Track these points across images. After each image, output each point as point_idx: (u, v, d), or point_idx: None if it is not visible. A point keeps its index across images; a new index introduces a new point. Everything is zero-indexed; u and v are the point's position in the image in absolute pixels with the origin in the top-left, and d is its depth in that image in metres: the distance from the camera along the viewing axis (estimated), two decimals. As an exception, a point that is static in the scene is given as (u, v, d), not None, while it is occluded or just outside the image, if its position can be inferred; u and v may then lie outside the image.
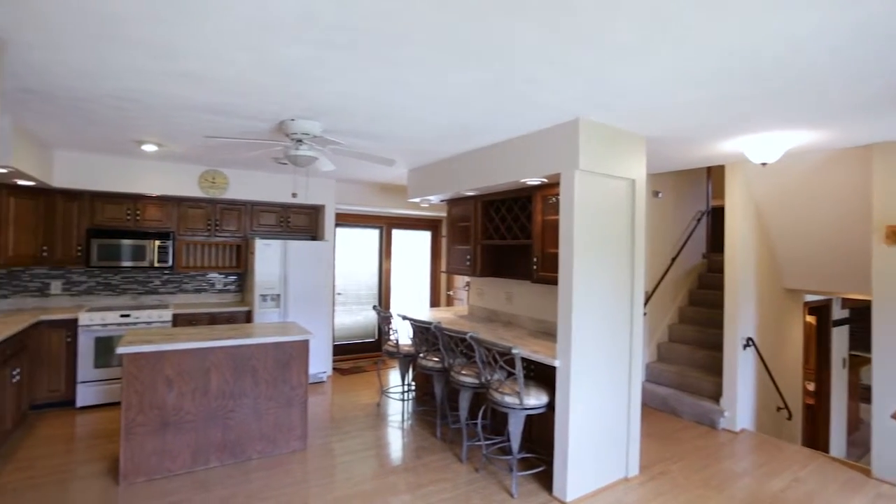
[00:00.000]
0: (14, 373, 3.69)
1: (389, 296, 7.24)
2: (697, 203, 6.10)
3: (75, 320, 4.44)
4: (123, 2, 1.71)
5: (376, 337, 7.12)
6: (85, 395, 4.47)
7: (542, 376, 3.40)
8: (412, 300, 7.57)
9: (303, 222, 5.93)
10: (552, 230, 3.60)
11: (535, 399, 3.09)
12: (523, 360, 3.06)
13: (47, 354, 4.36)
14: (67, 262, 4.70)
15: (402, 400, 4.83)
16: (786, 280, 5.09)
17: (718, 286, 5.46)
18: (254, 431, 3.51)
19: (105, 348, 4.53)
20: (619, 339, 3.31)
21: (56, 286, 4.90)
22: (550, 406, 3.17)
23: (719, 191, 6.06)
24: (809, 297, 5.50)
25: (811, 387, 6.01)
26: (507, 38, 1.93)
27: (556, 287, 3.90)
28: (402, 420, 4.46)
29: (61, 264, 4.70)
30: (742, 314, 4.46)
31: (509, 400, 3.09)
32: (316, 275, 5.51)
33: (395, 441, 3.99)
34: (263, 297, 5.22)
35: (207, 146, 4.08)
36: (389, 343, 4.61)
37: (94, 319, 4.50)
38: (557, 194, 3.51)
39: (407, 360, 4.56)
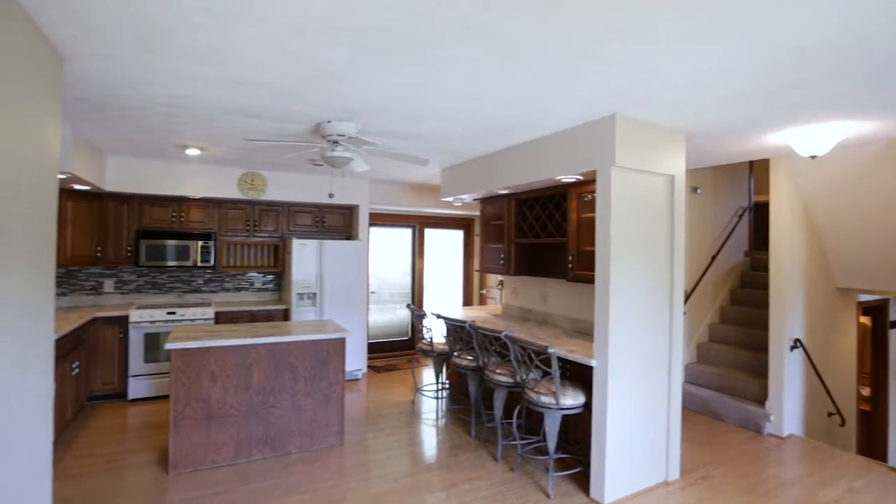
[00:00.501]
0: (73, 366, 3.92)
1: (422, 295, 7.29)
2: (739, 199, 5.87)
3: (126, 317, 4.67)
4: (170, 13, 1.78)
5: (409, 335, 7.19)
6: (136, 388, 4.70)
7: (579, 376, 3.35)
8: (445, 299, 7.60)
9: (337, 222, 6.04)
10: (588, 228, 3.54)
11: (572, 399, 3.05)
12: (559, 359, 3.03)
13: (102, 349, 4.60)
14: (119, 261, 4.95)
15: (436, 398, 4.86)
16: (838, 279, 4.83)
17: (763, 285, 5.25)
18: (293, 426, 3.60)
19: (153, 344, 4.75)
20: (658, 339, 3.23)
21: (109, 285, 5.16)
22: (587, 406, 3.13)
23: (763, 186, 5.82)
24: (864, 297, 5.20)
25: (866, 392, 5.70)
26: (543, 34, 1.90)
27: (592, 286, 3.84)
28: (437, 418, 4.49)
29: (113, 264, 4.95)
30: (789, 314, 4.26)
31: (545, 399, 3.06)
32: (350, 274, 5.61)
33: (430, 438, 4.02)
34: (300, 295, 5.35)
35: (246, 149, 4.21)
36: (423, 341, 4.64)
37: (143, 316, 4.72)
38: (593, 191, 3.45)
39: (441, 359, 4.58)
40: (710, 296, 5.47)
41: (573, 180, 3.60)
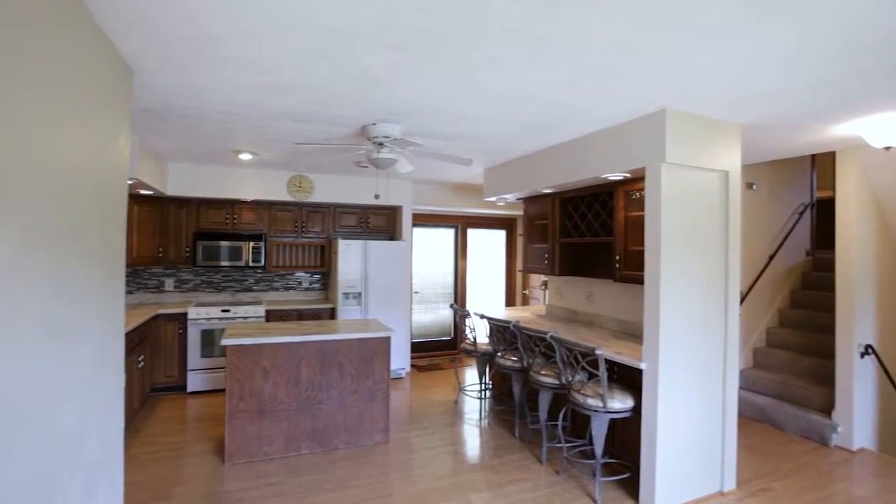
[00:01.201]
0: (139, 359, 4.19)
1: (465, 295, 7.30)
2: (799, 195, 5.53)
3: (185, 314, 4.94)
4: (224, 23, 1.87)
5: (452, 335, 7.22)
6: (194, 382, 4.96)
7: (627, 379, 3.26)
8: (487, 299, 7.58)
9: (381, 223, 6.15)
10: (636, 227, 3.44)
11: (620, 402, 2.97)
12: (606, 361, 2.95)
13: (164, 344, 4.89)
14: (178, 262, 5.24)
15: (480, 398, 4.85)
16: (914, 280, 4.46)
17: (828, 287, 4.91)
18: (340, 422, 3.70)
19: (209, 340, 5.00)
20: (712, 342, 3.09)
21: (169, 283, 5.47)
22: (636, 410, 3.04)
23: (826, 180, 5.46)
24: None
25: (947, 402, 5.22)
26: (586, 29, 1.87)
27: (640, 286, 3.72)
28: (480, 418, 4.48)
29: (173, 264, 5.24)
30: (859, 319, 3.97)
31: (592, 402, 3.00)
32: (394, 274, 5.69)
33: (473, 438, 4.02)
34: (346, 295, 5.48)
35: (294, 152, 4.36)
36: (467, 341, 4.65)
37: (200, 314, 4.98)
38: (641, 189, 3.35)
39: (484, 359, 4.57)
40: (768, 298, 5.19)
41: (620, 178, 3.51)
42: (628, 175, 3.39)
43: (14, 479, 1.30)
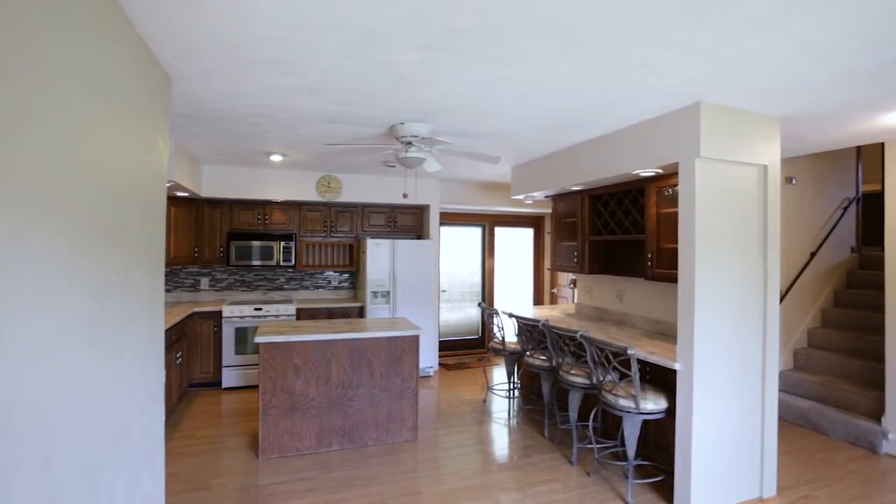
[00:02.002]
0: (177, 356, 4.33)
1: (493, 293, 7.28)
2: (843, 189, 5.28)
3: (220, 312, 5.09)
4: (257, 27, 1.91)
5: (480, 334, 7.20)
6: (229, 378, 5.10)
7: (660, 380, 3.18)
8: (515, 298, 7.53)
9: (409, 222, 6.18)
10: (668, 224, 3.35)
11: (653, 403, 2.91)
12: (639, 361, 2.89)
13: (200, 341, 5.04)
14: (212, 261, 5.40)
15: (508, 397, 4.82)
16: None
17: (876, 285, 4.68)
18: (369, 420, 3.74)
19: (242, 337, 5.13)
20: (750, 343, 2.99)
21: (204, 282, 5.64)
22: (670, 412, 2.96)
23: (873, 173, 5.21)
24: None
25: None
26: (616, 21, 1.82)
27: (673, 285, 3.63)
28: (509, 417, 4.46)
29: (208, 264, 5.41)
30: (909, 318, 3.77)
31: (624, 403, 2.94)
32: (422, 273, 5.72)
33: (502, 438, 4.00)
34: (374, 293, 5.53)
35: (324, 153, 4.43)
36: (495, 340, 4.63)
37: (234, 312, 5.11)
38: (674, 185, 3.26)
39: (513, 358, 4.55)
40: (809, 297, 4.98)
41: (652, 174, 3.43)
42: (660, 171, 3.31)
43: (67, 468, 1.36)
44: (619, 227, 4.00)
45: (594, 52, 2.10)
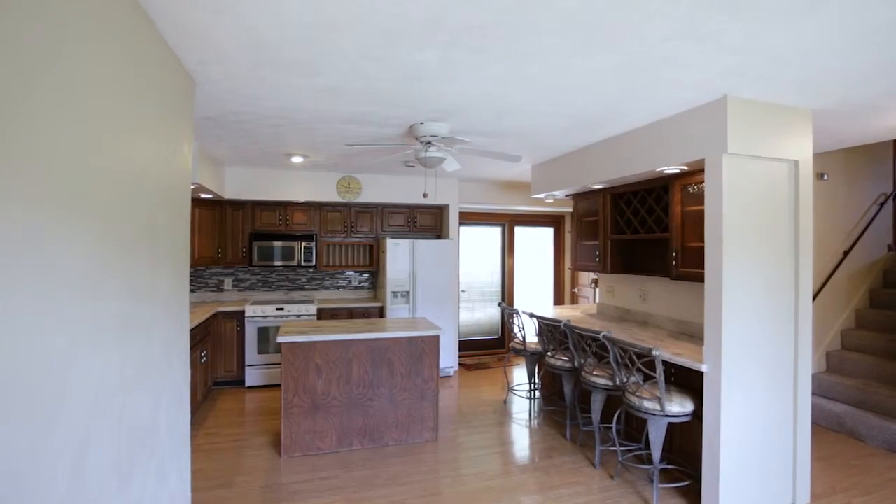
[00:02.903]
0: (202, 354, 4.41)
1: (513, 293, 7.23)
2: (878, 184, 5.08)
3: (243, 312, 5.16)
4: (278, 29, 1.92)
5: (500, 334, 7.16)
6: (251, 377, 5.18)
7: (685, 382, 3.11)
8: (535, 297, 7.46)
9: (428, 222, 6.18)
10: (694, 222, 3.27)
11: (679, 406, 2.84)
12: (663, 363, 2.82)
13: (224, 340, 5.13)
14: (235, 262, 5.49)
15: (529, 398, 4.78)
16: None
17: (914, 284, 4.49)
18: (390, 420, 3.74)
19: (265, 337, 5.20)
20: (781, 344, 2.89)
21: (228, 283, 5.74)
22: (696, 415, 2.89)
23: (913, 168, 4.99)
24: None
25: None
26: (641, 14, 1.78)
27: (699, 284, 3.54)
28: (530, 418, 4.42)
29: (231, 264, 5.49)
30: (952, 319, 3.60)
31: (648, 405, 2.88)
32: (441, 272, 5.71)
33: (523, 439, 3.96)
34: (394, 293, 5.54)
35: (344, 154, 4.46)
36: (516, 340, 4.60)
37: (256, 312, 5.19)
38: (700, 182, 3.18)
39: (534, 358, 4.50)
40: (843, 297, 4.80)
41: (676, 171, 3.35)
42: (685, 168, 3.23)
43: (102, 461, 1.39)
44: (642, 226, 3.93)
45: (618, 46, 2.05)
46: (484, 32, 1.93)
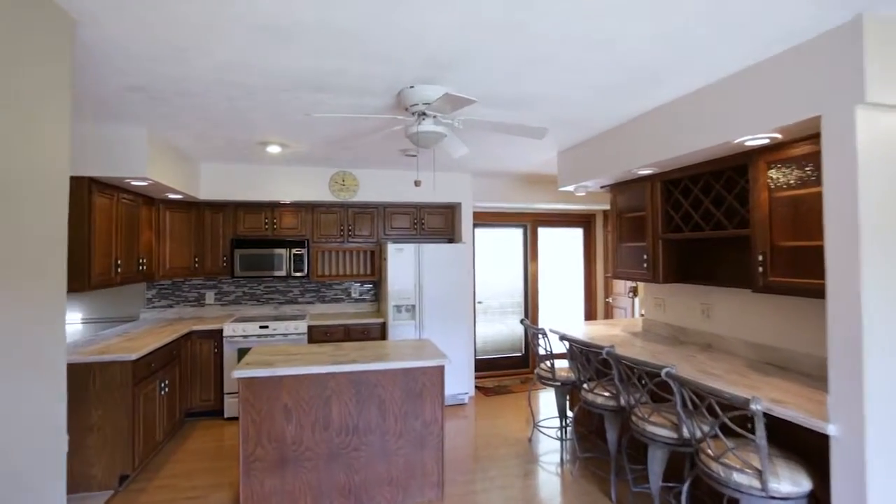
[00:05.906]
0: (163, 385, 3.67)
1: (537, 304, 6.32)
2: None
3: (221, 331, 4.42)
4: None
5: (523, 351, 6.25)
6: (231, 407, 4.42)
7: (787, 440, 2.18)
8: (564, 309, 6.53)
9: (437, 223, 5.35)
10: (790, 211, 2.35)
11: (790, 484, 1.91)
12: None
13: (199, 364, 4.39)
14: (215, 272, 4.76)
15: (560, 438, 3.87)
16: None
17: None
18: (381, 475, 2.91)
19: (247, 360, 4.44)
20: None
21: (210, 296, 5.02)
22: (814, 497, 1.96)
23: None
24: None
25: None
26: None
27: (796, 298, 2.62)
28: (561, 464, 3.52)
29: (211, 275, 4.77)
30: None
31: (740, 479, 1.97)
32: (453, 282, 4.87)
33: (554, 498, 3.07)
34: (398, 307, 4.73)
35: (329, 142, 3.67)
36: (542, 367, 3.71)
37: (236, 331, 4.44)
38: (799, 156, 2.27)
39: (565, 389, 3.61)
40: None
41: (764, 142, 2.43)
42: (778, 136, 2.31)
43: None
44: (706, 221, 3.02)
45: None
46: None
